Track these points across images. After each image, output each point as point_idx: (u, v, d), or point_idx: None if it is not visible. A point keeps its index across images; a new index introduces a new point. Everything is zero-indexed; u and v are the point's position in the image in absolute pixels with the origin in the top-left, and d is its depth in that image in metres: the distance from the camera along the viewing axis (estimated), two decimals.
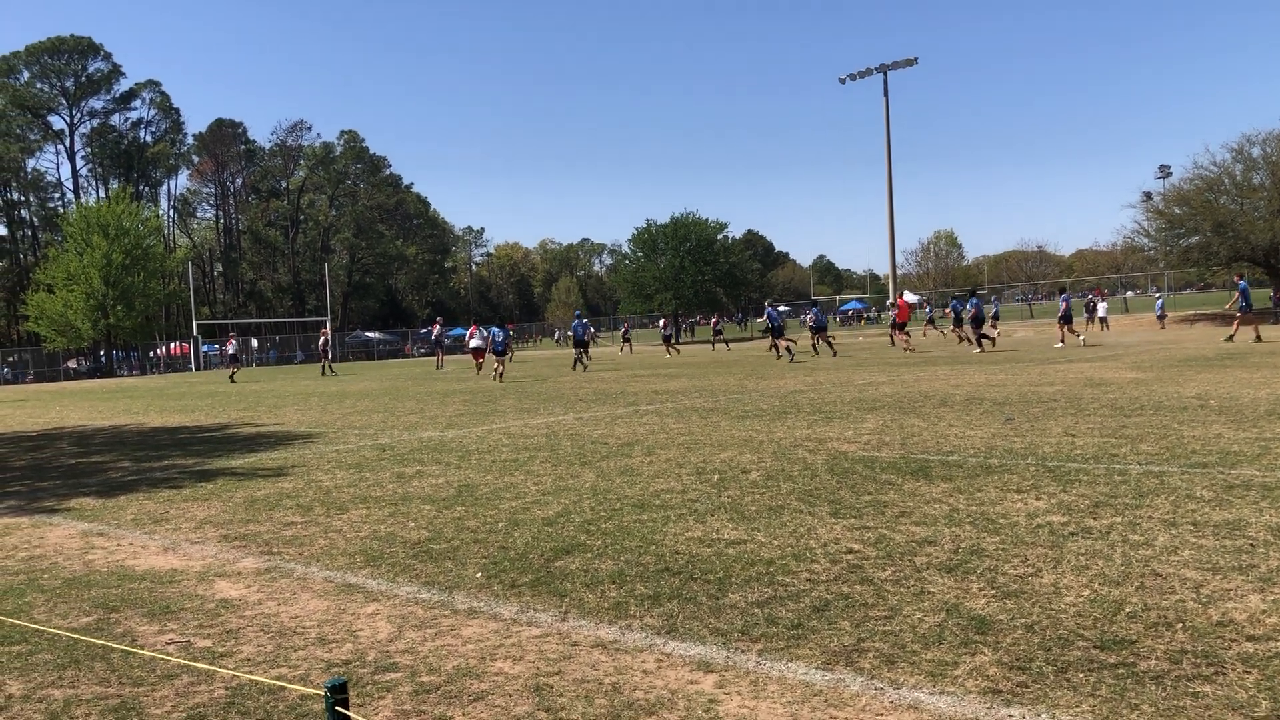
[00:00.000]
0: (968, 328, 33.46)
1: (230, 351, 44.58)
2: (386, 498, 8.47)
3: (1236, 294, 31.46)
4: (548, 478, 9.08)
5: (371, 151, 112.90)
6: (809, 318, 36.91)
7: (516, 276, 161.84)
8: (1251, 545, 5.41)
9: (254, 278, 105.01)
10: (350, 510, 7.99)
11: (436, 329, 47.04)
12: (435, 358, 44.39)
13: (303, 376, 40.46)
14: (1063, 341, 32.23)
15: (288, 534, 7.20)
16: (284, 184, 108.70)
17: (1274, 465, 7.81)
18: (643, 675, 4.01)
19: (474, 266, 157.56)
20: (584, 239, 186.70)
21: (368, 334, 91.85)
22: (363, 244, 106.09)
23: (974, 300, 33.65)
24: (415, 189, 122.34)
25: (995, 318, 32.84)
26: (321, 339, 43.81)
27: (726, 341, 46.36)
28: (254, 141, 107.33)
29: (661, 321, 53.78)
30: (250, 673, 4.26)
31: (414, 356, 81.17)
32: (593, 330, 34.92)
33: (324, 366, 42.31)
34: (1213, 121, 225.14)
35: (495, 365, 29.31)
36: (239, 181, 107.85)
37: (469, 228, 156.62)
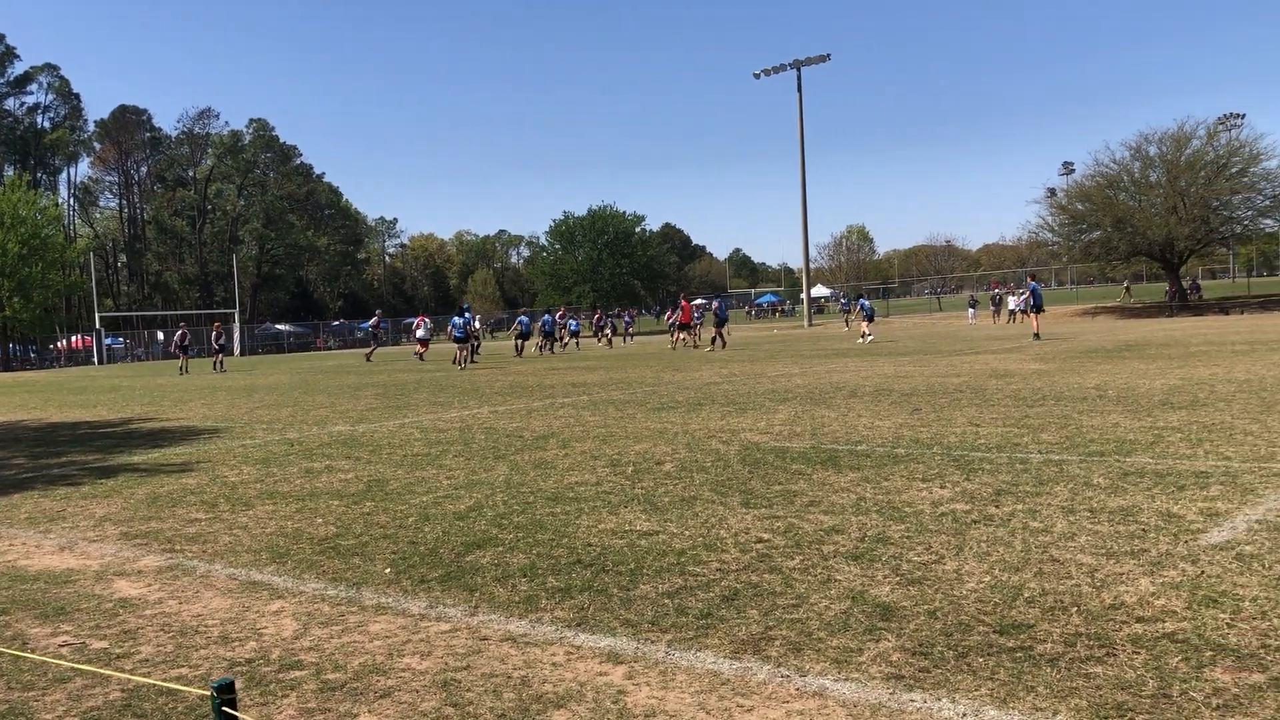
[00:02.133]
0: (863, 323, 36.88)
1: (184, 342, 42.48)
2: (294, 493, 8.32)
3: (1027, 293, 33.77)
4: (460, 472, 9.01)
5: (282, 140, 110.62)
6: (713, 308, 38.88)
7: (432, 268, 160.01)
8: (1143, 530, 5.59)
9: (159, 269, 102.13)
10: (256, 506, 7.83)
11: (375, 320, 46.35)
12: (369, 349, 43.57)
13: (203, 370, 39.47)
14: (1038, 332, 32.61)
15: (191, 531, 7.03)
16: (191, 173, 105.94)
17: (1166, 453, 8.09)
18: (552, 668, 4.00)
19: (387, 258, 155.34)
20: (501, 231, 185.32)
21: (278, 326, 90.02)
22: (272, 235, 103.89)
23: (862, 301, 39.64)
24: (327, 179, 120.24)
25: (869, 317, 36.60)
26: (179, 333, 41.27)
27: (609, 338, 46.54)
28: (159, 129, 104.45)
29: (596, 314, 53.79)
30: (148, 674, 4.15)
31: (327, 349, 79.82)
32: (477, 325, 34.34)
33: (184, 364, 39.07)
34: (1114, 120, 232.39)
35: (458, 352, 29.31)
36: (143, 170, 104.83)
37: (382, 218, 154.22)
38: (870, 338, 35.86)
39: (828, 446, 9.40)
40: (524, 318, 40.82)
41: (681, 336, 39.11)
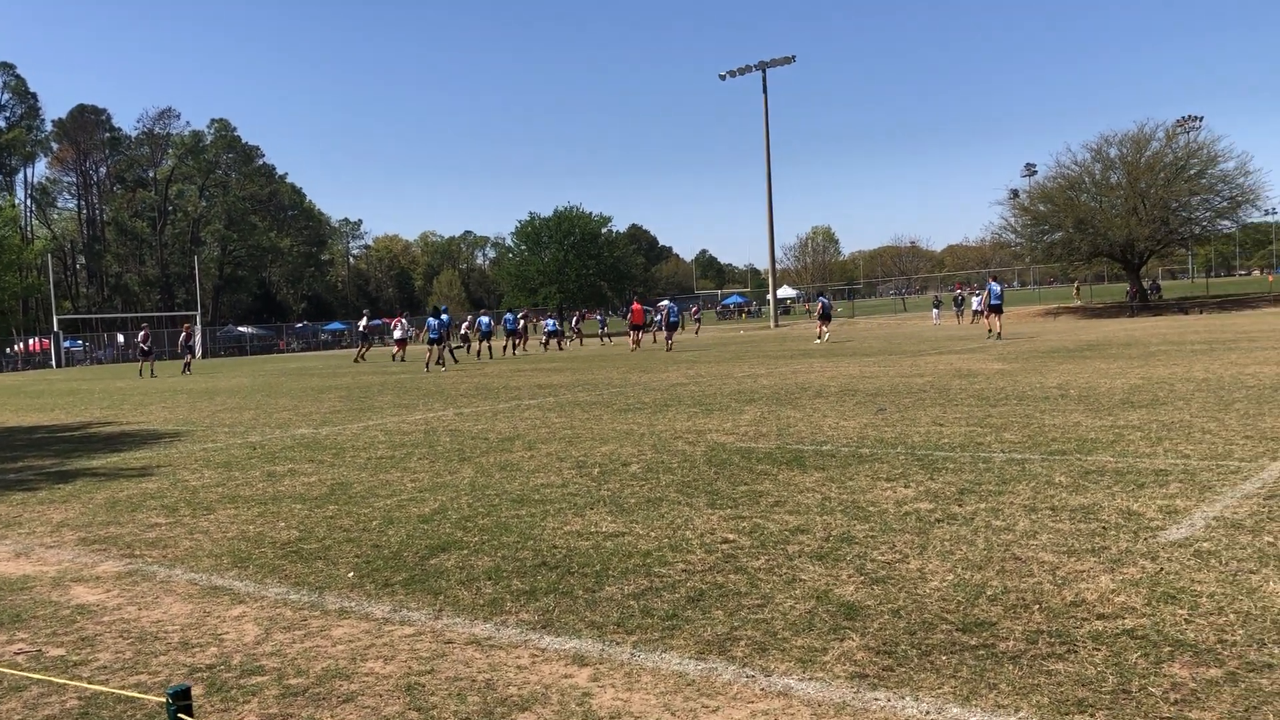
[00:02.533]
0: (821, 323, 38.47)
1: (184, 340, 41.36)
2: (256, 497, 8.24)
3: (985, 293, 34.94)
4: (425, 474, 8.95)
5: (244, 141, 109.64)
6: (664, 312, 39.72)
7: (396, 270, 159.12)
8: (1104, 528, 5.65)
9: (119, 271, 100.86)
10: (218, 510, 7.74)
11: (364, 321, 45.98)
12: (359, 349, 43.12)
13: (172, 372, 39.01)
14: (991, 331, 33.17)
15: (151, 536, 6.94)
16: (151, 174, 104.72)
17: (1126, 452, 8.19)
18: (517, 671, 3.98)
19: (351, 259, 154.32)
20: (466, 232, 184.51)
21: (240, 329, 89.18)
22: (235, 236, 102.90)
23: (821, 299, 40.14)
24: (290, 180, 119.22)
25: (825, 317, 37.94)
26: (142, 334, 39.94)
27: (566, 338, 46.56)
28: (119, 129, 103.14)
29: (575, 316, 53.63)
30: (106, 681, 4.09)
31: (290, 352, 79.17)
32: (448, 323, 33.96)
33: (144, 367, 37.73)
34: (1076, 121, 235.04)
35: (431, 352, 29.18)
36: (103, 171, 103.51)
37: (346, 220, 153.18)
38: (825, 337, 36.51)
39: (793, 447, 9.44)
40: (484, 318, 40.59)
41: (637, 337, 39.52)
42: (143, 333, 40.11)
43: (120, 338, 77.75)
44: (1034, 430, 9.66)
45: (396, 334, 38.26)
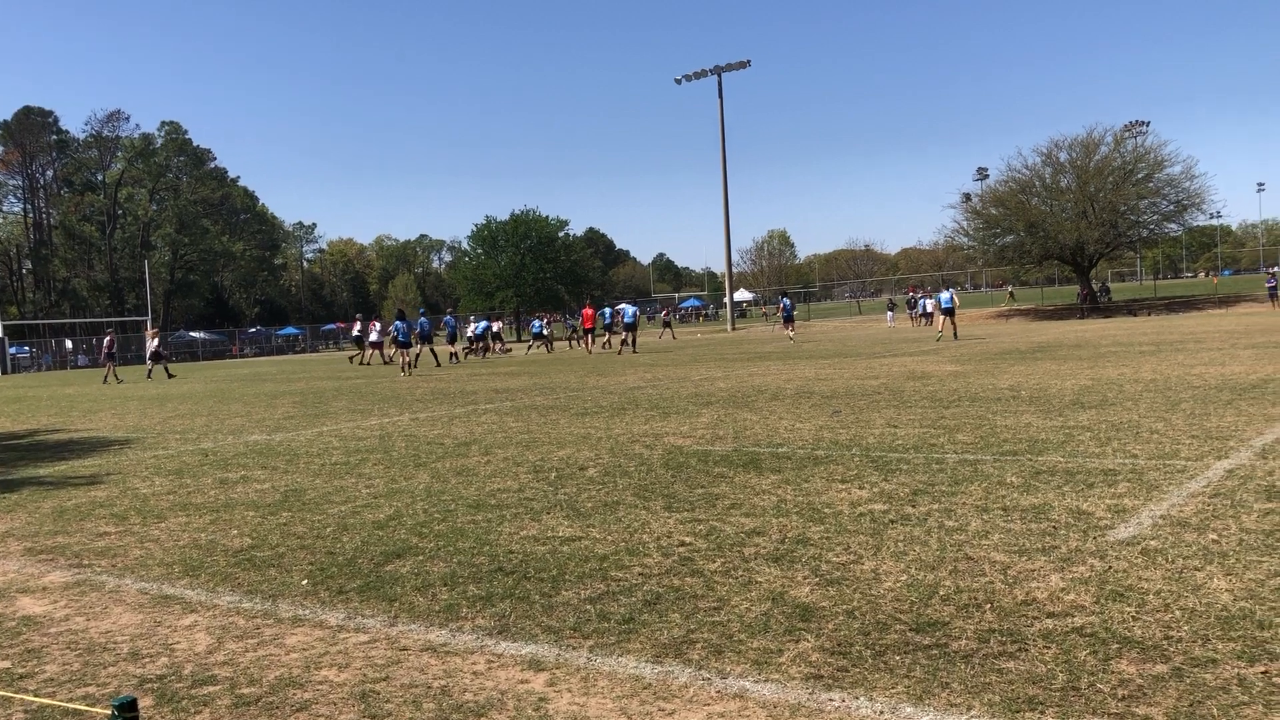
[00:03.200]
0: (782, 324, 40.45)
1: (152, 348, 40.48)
2: (208, 504, 8.13)
3: (935, 302, 36.67)
4: (380, 480, 8.89)
5: (195, 144, 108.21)
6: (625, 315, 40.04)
7: (351, 274, 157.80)
8: (1054, 528, 5.74)
9: (67, 275, 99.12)
10: (169, 518, 7.63)
11: (357, 327, 45.50)
12: (363, 353, 42.52)
13: (139, 378, 38.34)
14: (946, 333, 34.12)
15: (100, 545, 6.82)
16: (100, 177, 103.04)
17: (1076, 452, 8.31)
18: (473, 677, 3.97)
19: (305, 263, 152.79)
20: (422, 235, 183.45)
21: (192, 334, 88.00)
22: (186, 240, 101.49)
23: (784, 300, 42.11)
24: (242, 183, 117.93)
25: (789, 318, 39.69)
26: (108, 339, 39.59)
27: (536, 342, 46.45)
28: (66, 131, 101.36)
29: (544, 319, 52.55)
30: (53, 694, 4.02)
31: (243, 357, 78.25)
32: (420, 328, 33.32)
33: (109, 373, 36.90)
34: (1027, 126, 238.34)
35: (402, 357, 28.93)
36: (49, 174, 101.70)
37: (300, 223, 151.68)
38: (791, 337, 37.60)
39: (750, 449, 9.48)
40: (449, 318, 40.35)
41: (589, 340, 39.68)
42: (108, 337, 39.44)
43: (69, 343, 76.38)
44: (986, 431, 9.78)
45: (372, 337, 38.23)
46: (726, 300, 71.61)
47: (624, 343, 37.31)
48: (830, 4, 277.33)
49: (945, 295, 34.96)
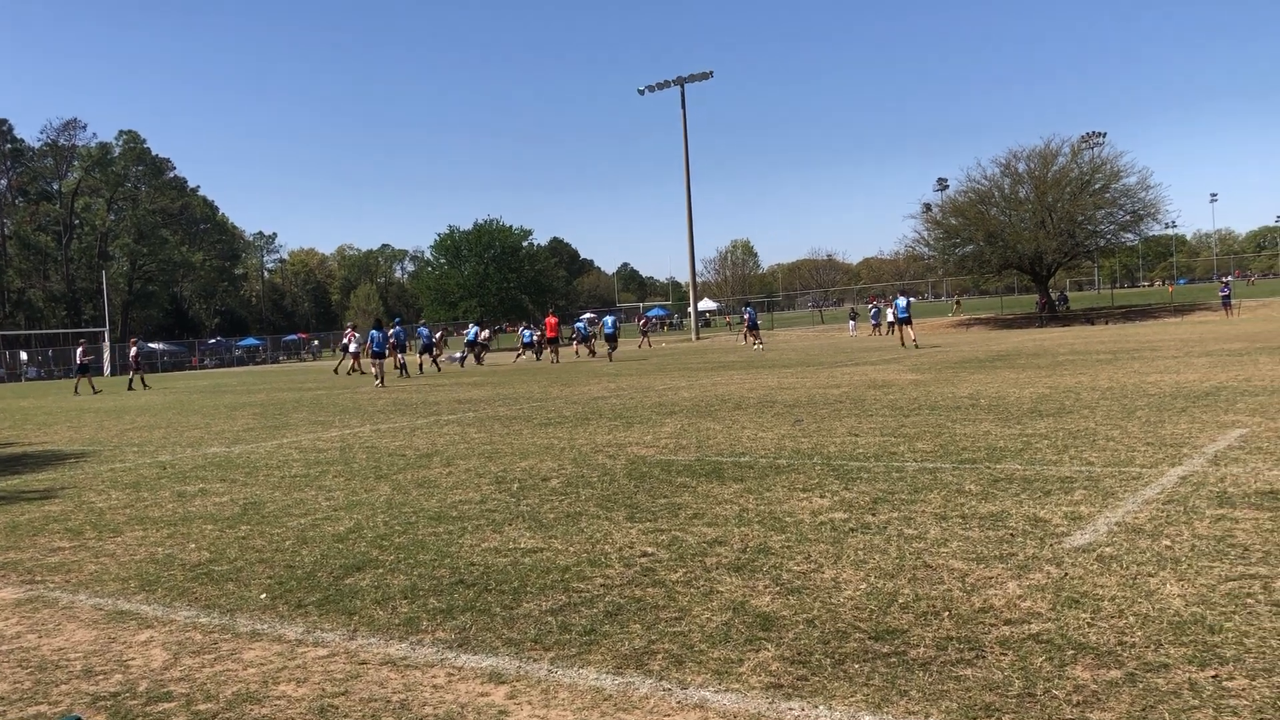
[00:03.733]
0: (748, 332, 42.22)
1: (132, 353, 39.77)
2: (165, 518, 8.03)
3: (891, 309, 38.50)
4: (340, 493, 8.82)
5: (154, 153, 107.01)
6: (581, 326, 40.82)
7: (313, 284, 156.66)
8: (1011, 535, 5.80)
9: (22, 286, 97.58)
10: (125, 532, 7.53)
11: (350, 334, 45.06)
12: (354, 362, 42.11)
13: (119, 389, 37.78)
14: (903, 342, 34.79)
15: (53, 560, 6.72)
16: (56, 186, 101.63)
17: (1034, 460, 8.41)
18: (432, 690, 3.94)
19: (266, 273, 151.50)
20: (384, 245, 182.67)
21: (151, 345, 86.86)
22: (145, 250, 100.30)
23: (748, 310, 44.19)
24: (202, 192, 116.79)
25: (753, 327, 41.80)
26: (80, 350, 39.34)
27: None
28: (21, 140, 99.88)
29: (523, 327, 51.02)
30: (3, 714, 3.95)
31: (203, 368, 77.41)
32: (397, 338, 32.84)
33: (80, 384, 37.36)
34: (987, 137, 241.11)
35: (372, 368, 28.67)
36: (3, 183, 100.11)
37: (261, 233, 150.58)
38: (759, 346, 38.28)
39: (712, 458, 9.50)
40: (423, 328, 40.12)
41: (548, 351, 39.74)
42: (81, 348, 38.91)
43: (24, 355, 75.16)
44: (945, 439, 9.86)
45: (352, 347, 37.88)
46: (691, 310, 71.77)
47: (593, 351, 37.71)
48: (792, 17, 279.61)
49: (901, 303, 35.67)
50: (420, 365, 38.30)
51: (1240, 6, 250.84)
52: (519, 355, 44.57)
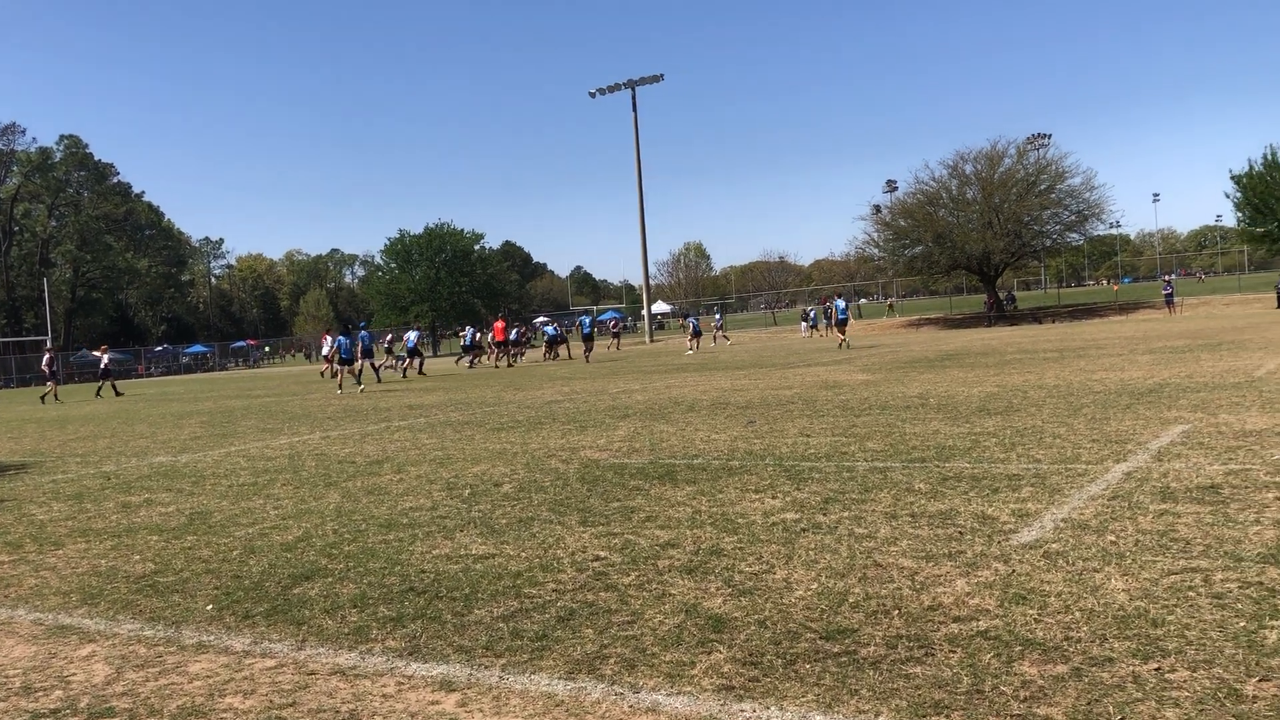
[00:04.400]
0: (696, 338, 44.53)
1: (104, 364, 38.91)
2: (109, 529, 7.88)
3: (832, 309, 41.08)
4: (289, 501, 8.71)
5: (97, 158, 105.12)
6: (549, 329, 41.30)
7: (261, 289, 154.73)
8: (960, 533, 5.85)
9: None
10: (67, 545, 7.38)
11: (389, 338, 44.39)
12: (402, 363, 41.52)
13: (18, 401, 37.07)
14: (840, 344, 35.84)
15: None
16: None
17: (982, 458, 8.50)
18: (382, 700, 3.90)
19: (213, 279, 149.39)
20: (334, 250, 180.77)
21: (95, 353, 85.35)
22: (88, 257, 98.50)
23: (690, 318, 46.71)
24: (147, 198, 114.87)
25: (696, 333, 43.77)
26: (47, 357, 38.81)
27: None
28: None
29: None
30: None
31: (149, 376, 76.15)
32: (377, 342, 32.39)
33: (48, 394, 36.72)
34: (935, 138, 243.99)
35: (333, 372, 28.24)
36: None
37: (207, 239, 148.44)
38: (694, 350, 39.07)
39: (665, 461, 9.50)
40: (362, 334, 39.77)
41: (498, 354, 39.73)
42: (47, 355, 38.10)
43: None
44: (895, 439, 9.95)
45: (325, 351, 37.53)
46: (644, 313, 71.82)
47: (557, 355, 38.36)
48: (742, 21, 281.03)
49: (840, 304, 36.68)
50: (359, 371, 38.00)
51: (1179, 11, 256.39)
52: (462, 359, 44.18)
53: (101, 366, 38.76)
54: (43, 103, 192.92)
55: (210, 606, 5.39)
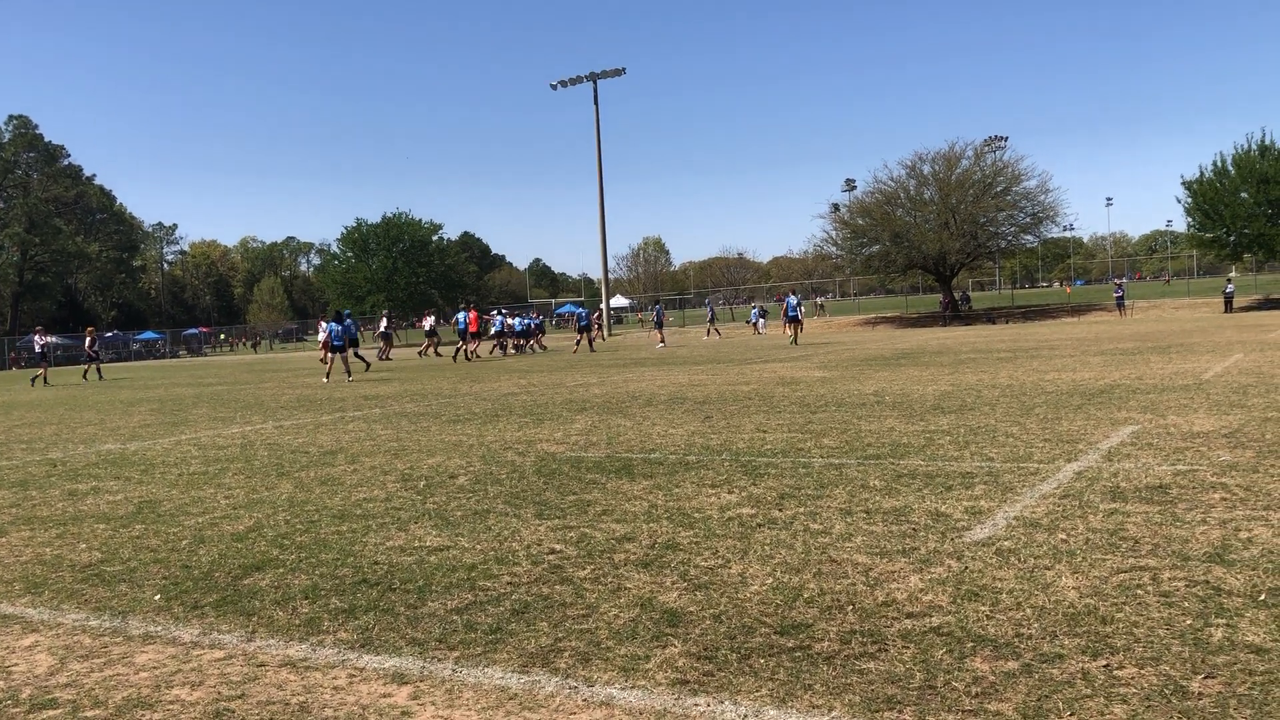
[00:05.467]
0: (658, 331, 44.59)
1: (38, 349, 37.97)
2: (54, 518, 7.73)
3: (784, 306, 41.33)
4: (240, 490, 8.60)
5: (47, 140, 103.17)
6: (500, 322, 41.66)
7: (214, 276, 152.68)
8: (914, 530, 5.90)
9: None
10: (10, 533, 7.23)
11: (429, 321, 43.55)
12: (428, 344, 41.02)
13: (74, 379, 36.33)
14: (795, 340, 36.92)
15: None
16: None
17: (936, 455, 8.57)
18: (333, 692, 3.85)
19: (166, 265, 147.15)
20: (289, 237, 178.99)
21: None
22: (37, 240, 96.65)
23: (657, 308, 46.69)
24: (99, 181, 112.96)
25: (659, 325, 44.11)
26: (38, 336, 37.96)
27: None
28: None
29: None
30: None
31: (99, 362, 74.80)
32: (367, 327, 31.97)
33: (36, 376, 36.26)
34: (893, 138, 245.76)
35: (327, 361, 27.73)
36: None
37: (160, 224, 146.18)
38: (662, 345, 39.45)
39: (622, 455, 9.49)
40: (346, 322, 39.16)
41: (469, 347, 39.42)
42: (39, 336, 37.27)
43: None
44: (851, 435, 10.01)
45: (320, 336, 36.83)
46: (603, 306, 71.74)
47: (590, 343, 39.56)
48: (704, 16, 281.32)
49: (792, 301, 37.27)
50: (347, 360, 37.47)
51: (1134, 19, 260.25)
52: (493, 349, 43.08)
53: (87, 348, 38.43)
54: None
55: (158, 597, 5.30)
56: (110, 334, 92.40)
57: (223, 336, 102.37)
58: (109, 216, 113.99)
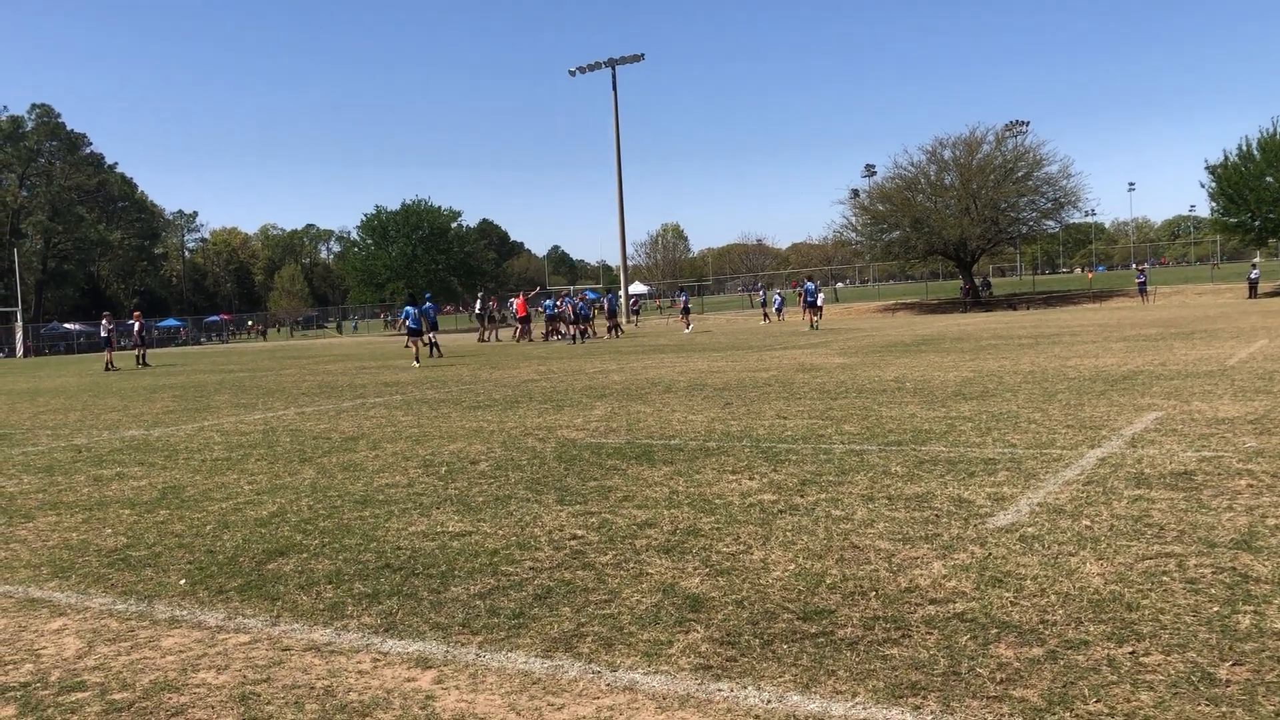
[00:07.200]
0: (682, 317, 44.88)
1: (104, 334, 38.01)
2: (80, 503, 7.80)
3: (803, 291, 41.56)
4: (263, 476, 8.65)
5: (69, 128, 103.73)
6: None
7: (235, 264, 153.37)
8: (937, 516, 5.88)
9: None
10: (37, 518, 7.29)
11: (479, 304, 43.74)
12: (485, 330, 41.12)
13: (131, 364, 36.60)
14: (811, 325, 37.44)
15: None
16: None
17: (958, 442, 8.54)
18: (358, 676, 3.88)
19: (187, 253, 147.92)
20: (309, 225, 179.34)
21: (66, 325, 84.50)
22: (60, 228, 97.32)
23: (682, 295, 47.33)
24: (120, 169, 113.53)
25: (686, 311, 44.43)
26: (105, 322, 38.04)
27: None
28: None
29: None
30: None
31: (121, 349, 75.43)
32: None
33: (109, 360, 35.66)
34: (914, 124, 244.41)
35: (408, 345, 27.83)
36: None
37: (181, 212, 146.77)
38: (688, 330, 39.55)
39: (643, 441, 9.49)
40: (425, 305, 38.54)
41: (523, 330, 39.96)
42: (105, 322, 37.71)
43: None
44: (872, 422, 9.97)
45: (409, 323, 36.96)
46: (621, 293, 71.73)
47: (606, 330, 40.05)
48: (723, 2, 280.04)
49: (810, 287, 37.23)
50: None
51: (1156, 4, 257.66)
52: (547, 335, 42.72)
53: (135, 333, 39.08)
54: (14, 72, 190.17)
55: (183, 581, 5.34)
56: (132, 321, 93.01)
57: (250, 321, 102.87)
58: (130, 204, 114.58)
